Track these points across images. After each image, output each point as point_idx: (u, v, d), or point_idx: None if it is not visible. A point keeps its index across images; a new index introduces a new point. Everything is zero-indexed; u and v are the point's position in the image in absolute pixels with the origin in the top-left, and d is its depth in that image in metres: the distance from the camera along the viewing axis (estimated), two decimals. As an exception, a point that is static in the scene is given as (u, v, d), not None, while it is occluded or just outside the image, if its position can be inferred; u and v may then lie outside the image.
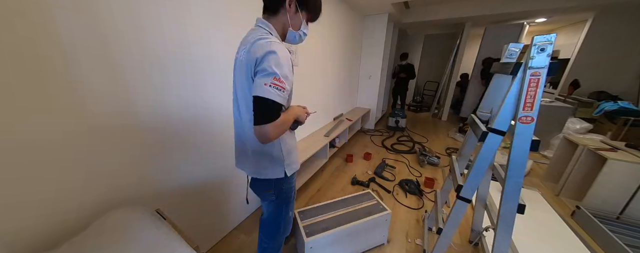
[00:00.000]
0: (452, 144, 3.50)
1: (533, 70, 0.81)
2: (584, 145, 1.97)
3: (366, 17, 3.58)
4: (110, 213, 0.85)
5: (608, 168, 1.72)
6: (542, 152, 3.02)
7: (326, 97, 2.93)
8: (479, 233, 1.48)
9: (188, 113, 1.24)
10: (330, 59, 2.79)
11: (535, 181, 2.44)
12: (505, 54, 1.10)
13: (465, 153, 1.34)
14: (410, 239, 1.62)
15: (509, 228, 0.97)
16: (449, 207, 1.82)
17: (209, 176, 1.46)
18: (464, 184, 1.07)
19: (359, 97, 4.19)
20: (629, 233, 1.58)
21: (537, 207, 1.96)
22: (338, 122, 3.16)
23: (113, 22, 0.88)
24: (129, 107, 0.97)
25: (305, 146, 2.32)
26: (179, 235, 0.85)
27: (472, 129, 1.19)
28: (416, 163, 2.81)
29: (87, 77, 0.83)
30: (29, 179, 0.76)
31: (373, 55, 3.76)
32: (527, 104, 0.83)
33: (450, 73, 4.87)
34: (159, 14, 1.02)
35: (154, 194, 1.15)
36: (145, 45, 0.99)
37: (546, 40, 0.78)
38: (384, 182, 2.38)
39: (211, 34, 1.28)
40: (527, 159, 0.87)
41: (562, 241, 1.60)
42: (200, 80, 1.26)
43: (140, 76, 0.99)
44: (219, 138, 1.47)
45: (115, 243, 0.73)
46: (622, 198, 1.74)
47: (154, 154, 1.11)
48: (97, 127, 0.89)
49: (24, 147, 0.73)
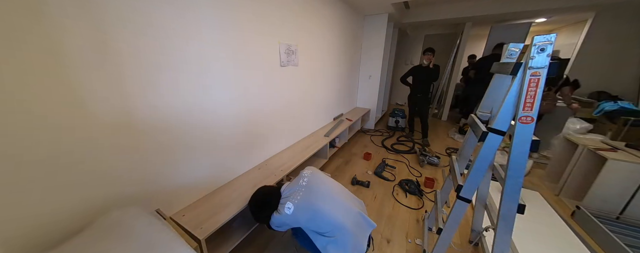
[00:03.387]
0: (452, 144, 3.50)
1: (533, 70, 0.81)
2: (584, 145, 1.97)
3: (366, 17, 3.58)
4: (110, 213, 0.85)
5: (608, 168, 1.72)
6: (542, 152, 3.02)
7: (326, 97, 2.93)
8: (479, 233, 1.47)
9: (188, 114, 1.24)
10: (330, 59, 2.79)
11: (535, 181, 2.43)
12: (506, 53, 1.10)
13: (465, 153, 1.34)
14: (410, 239, 1.62)
15: (509, 228, 0.97)
16: (449, 207, 1.82)
17: (209, 177, 1.46)
18: (464, 184, 1.07)
19: (359, 97, 4.19)
20: (629, 233, 1.58)
21: (537, 207, 1.96)
22: (338, 122, 3.16)
23: (113, 22, 0.88)
24: (128, 107, 0.98)
25: (305, 146, 2.33)
26: (178, 235, 0.85)
27: (472, 129, 1.19)
28: (416, 163, 2.81)
29: (86, 76, 0.84)
30: (29, 179, 0.76)
31: (373, 55, 3.76)
32: (527, 104, 0.83)
33: (450, 73, 4.86)
34: (159, 13, 1.02)
35: (154, 194, 1.15)
36: (145, 45, 0.99)
37: (546, 40, 0.78)
38: (384, 181, 2.38)
39: (211, 34, 1.28)
40: (527, 159, 0.87)
41: (562, 241, 1.60)
42: (200, 81, 1.26)
43: (140, 76, 0.99)
44: (219, 139, 1.47)
45: (115, 243, 0.73)
46: (622, 198, 1.74)
47: (154, 154, 1.11)
48: (97, 127, 0.89)
49: (24, 147, 0.74)
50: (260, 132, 1.86)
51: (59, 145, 0.81)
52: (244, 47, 1.51)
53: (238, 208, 1.32)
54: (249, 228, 1.46)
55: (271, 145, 2.04)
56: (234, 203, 1.37)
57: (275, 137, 2.07)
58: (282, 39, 1.87)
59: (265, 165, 1.89)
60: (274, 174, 1.74)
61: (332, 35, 2.70)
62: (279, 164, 1.91)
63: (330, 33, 2.65)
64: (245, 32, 1.50)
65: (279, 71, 1.91)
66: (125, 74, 0.94)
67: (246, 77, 1.58)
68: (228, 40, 1.38)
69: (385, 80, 4.62)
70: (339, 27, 2.83)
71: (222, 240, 1.36)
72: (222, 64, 1.38)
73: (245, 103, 1.63)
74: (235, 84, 1.50)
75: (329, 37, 2.64)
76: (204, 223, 1.20)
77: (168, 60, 1.08)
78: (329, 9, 2.51)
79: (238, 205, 1.35)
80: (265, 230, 1.66)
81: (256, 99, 1.73)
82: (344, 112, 3.68)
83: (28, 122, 0.73)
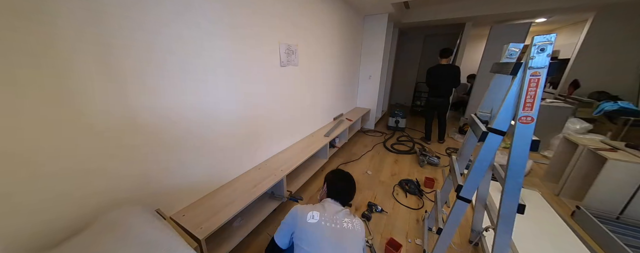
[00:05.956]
0: (452, 144, 3.50)
1: (533, 70, 0.81)
2: (584, 145, 1.97)
3: (366, 17, 3.58)
4: (110, 213, 0.85)
5: (608, 168, 1.72)
6: (542, 152, 3.02)
7: (326, 97, 2.93)
8: (479, 233, 1.48)
9: (189, 114, 1.24)
10: (330, 59, 2.79)
11: (535, 181, 2.43)
12: (505, 53, 1.10)
13: (465, 153, 1.34)
14: (410, 239, 1.62)
15: (509, 228, 0.97)
16: (449, 207, 1.82)
17: (209, 177, 1.46)
18: (464, 184, 1.07)
19: (359, 97, 4.19)
20: (629, 233, 1.58)
21: (537, 207, 1.96)
22: (338, 122, 3.16)
23: (112, 21, 0.88)
24: (128, 107, 0.97)
25: (305, 146, 2.33)
26: (178, 235, 0.85)
27: (472, 129, 1.19)
28: (416, 164, 2.81)
29: (86, 76, 0.84)
30: (29, 179, 0.76)
31: (373, 55, 3.76)
32: (527, 104, 0.83)
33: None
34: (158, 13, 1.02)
35: (154, 194, 1.15)
36: (145, 45, 0.99)
37: (546, 40, 0.78)
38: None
39: (211, 34, 1.28)
40: (527, 159, 0.87)
41: (562, 241, 1.60)
42: (200, 81, 1.26)
43: (140, 76, 0.99)
44: (219, 139, 1.47)
45: (115, 243, 0.73)
46: (622, 198, 1.74)
47: (154, 154, 1.11)
48: (97, 126, 0.89)
49: (23, 147, 0.74)
50: (260, 132, 1.86)
51: (59, 145, 0.81)
52: (244, 47, 1.51)
53: (238, 208, 1.32)
54: (249, 229, 1.46)
55: (271, 145, 2.04)
56: (234, 203, 1.37)
57: (275, 137, 2.07)
58: (282, 39, 1.87)
59: (265, 165, 1.89)
60: (274, 174, 1.74)
61: (332, 35, 2.70)
62: (279, 164, 1.91)
63: (330, 33, 2.65)
64: (245, 32, 1.50)
65: (279, 71, 1.91)
66: (125, 73, 0.94)
67: (246, 77, 1.58)
68: (228, 41, 1.38)
69: (385, 80, 4.62)
70: (339, 27, 2.83)
71: (222, 240, 1.36)
72: (222, 64, 1.38)
73: (245, 103, 1.63)
74: (235, 84, 1.50)
75: (329, 37, 2.64)
76: (204, 223, 1.20)
77: (168, 61, 1.08)
78: (329, 9, 2.51)
79: (238, 205, 1.35)
80: (266, 230, 1.66)
81: (256, 99, 1.73)
82: (344, 112, 3.68)
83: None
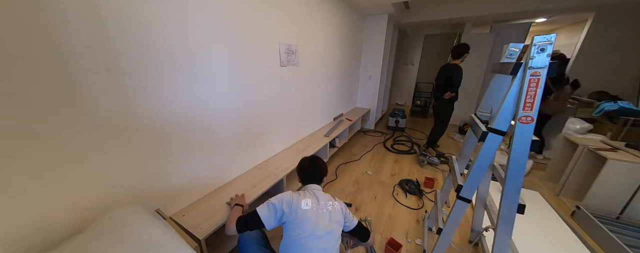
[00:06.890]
0: (452, 144, 3.50)
1: (533, 70, 0.81)
2: (584, 145, 1.97)
3: (366, 17, 3.58)
4: (110, 213, 0.85)
5: (608, 168, 1.72)
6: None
7: (326, 97, 2.93)
8: (479, 233, 1.47)
9: (189, 114, 1.24)
10: (330, 59, 2.79)
11: (535, 181, 2.43)
12: (505, 53, 1.10)
13: (465, 153, 1.34)
14: (410, 239, 1.62)
15: (509, 228, 0.97)
16: (449, 207, 1.82)
17: (209, 176, 1.46)
18: (464, 184, 1.07)
19: (359, 97, 4.19)
20: (629, 233, 1.58)
21: (537, 207, 1.96)
22: (338, 122, 3.16)
23: (112, 21, 0.88)
24: (129, 107, 0.97)
25: (305, 146, 2.33)
26: (178, 235, 0.85)
27: (472, 129, 1.19)
28: (416, 164, 2.81)
29: (87, 76, 0.84)
30: (28, 179, 0.76)
31: (373, 55, 3.76)
32: (527, 104, 0.83)
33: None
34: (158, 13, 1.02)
35: (154, 194, 1.15)
36: (145, 45, 0.99)
37: (546, 40, 0.78)
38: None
39: (211, 35, 1.28)
40: (527, 159, 0.87)
41: (562, 241, 1.60)
42: (200, 81, 1.26)
43: (140, 76, 0.99)
44: (219, 139, 1.47)
45: (115, 242, 0.73)
46: (622, 198, 1.74)
47: (154, 154, 1.11)
48: (97, 126, 0.89)
49: (22, 147, 0.74)
50: (260, 132, 1.86)
51: (59, 144, 0.81)
52: (244, 47, 1.51)
53: (238, 208, 1.32)
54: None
55: (271, 145, 2.04)
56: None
57: (275, 137, 2.07)
58: (282, 39, 1.87)
59: (265, 165, 1.89)
60: (274, 174, 1.74)
61: (332, 35, 2.70)
62: (279, 164, 1.91)
63: (330, 33, 2.65)
64: (245, 32, 1.50)
65: (279, 71, 1.91)
66: (125, 74, 0.94)
67: (246, 77, 1.58)
68: (228, 41, 1.38)
69: (385, 80, 4.62)
70: (339, 27, 2.83)
71: (222, 240, 1.36)
72: (222, 64, 1.38)
73: (245, 103, 1.63)
74: (235, 84, 1.50)
75: (329, 37, 2.64)
76: (204, 223, 1.20)
77: (168, 61, 1.08)
78: (329, 9, 2.51)
79: (238, 205, 1.34)
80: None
81: (256, 99, 1.73)
82: (344, 112, 3.68)
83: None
